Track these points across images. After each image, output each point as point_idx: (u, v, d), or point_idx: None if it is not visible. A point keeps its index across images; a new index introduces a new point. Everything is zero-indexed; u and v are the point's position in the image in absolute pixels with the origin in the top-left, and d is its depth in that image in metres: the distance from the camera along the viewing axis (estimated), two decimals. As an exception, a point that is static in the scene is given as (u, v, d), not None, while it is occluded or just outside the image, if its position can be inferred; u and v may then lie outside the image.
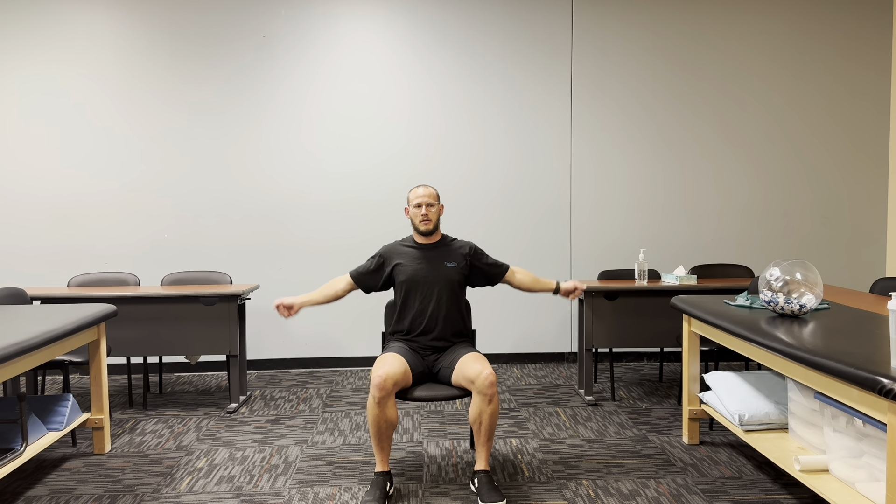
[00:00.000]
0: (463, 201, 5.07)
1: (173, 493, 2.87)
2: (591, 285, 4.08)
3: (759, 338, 2.51)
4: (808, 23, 5.14)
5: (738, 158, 5.17)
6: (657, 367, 5.01)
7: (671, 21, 5.08)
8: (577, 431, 3.60)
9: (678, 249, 5.16)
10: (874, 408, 1.97)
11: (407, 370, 2.82)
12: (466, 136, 5.05)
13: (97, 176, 4.90)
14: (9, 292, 3.64)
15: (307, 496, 2.83)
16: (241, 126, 4.95)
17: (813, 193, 5.21)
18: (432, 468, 3.12)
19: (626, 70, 5.09)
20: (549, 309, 5.14)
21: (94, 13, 4.85)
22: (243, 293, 4.01)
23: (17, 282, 4.87)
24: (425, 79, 5.02)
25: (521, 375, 4.79)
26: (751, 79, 5.14)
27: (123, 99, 4.89)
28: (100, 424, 3.29)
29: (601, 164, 5.11)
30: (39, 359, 2.75)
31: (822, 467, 2.49)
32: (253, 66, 4.93)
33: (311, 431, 3.64)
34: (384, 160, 5.02)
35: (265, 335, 5.02)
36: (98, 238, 4.92)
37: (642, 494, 2.81)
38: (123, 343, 3.97)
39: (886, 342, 2.26)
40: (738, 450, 3.30)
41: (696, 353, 3.32)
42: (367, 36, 4.99)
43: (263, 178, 4.97)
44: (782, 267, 2.79)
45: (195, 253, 4.96)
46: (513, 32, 5.03)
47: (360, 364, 5.07)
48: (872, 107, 5.20)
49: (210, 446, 3.43)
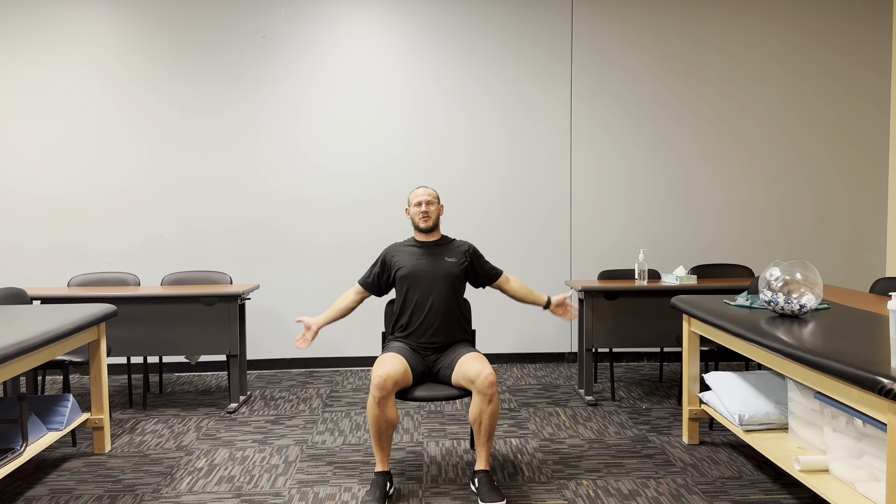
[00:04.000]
0: (463, 201, 5.07)
1: (173, 493, 2.87)
2: (591, 285, 4.08)
3: (759, 338, 2.51)
4: (808, 23, 5.14)
5: (738, 158, 5.17)
6: (657, 367, 5.01)
7: (671, 21, 5.08)
8: (577, 431, 3.60)
9: (678, 249, 5.16)
10: (874, 408, 1.97)
11: (407, 370, 2.82)
12: (466, 136, 5.05)
13: (97, 176, 4.90)
14: (9, 292, 3.64)
15: (307, 496, 2.83)
16: (241, 126, 4.95)
17: (813, 193, 5.21)
18: (432, 468, 3.12)
19: (626, 70, 5.09)
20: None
21: (94, 13, 4.85)
22: (243, 293, 4.01)
23: (17, 282, 4.87)
24: (425, 79, 5.02)
25: (521, 375, 4.79)
26: (751, 79, 5.14)
27: (123, 99, 4.89)
28: (100, 424, 3.29)
29: (601, 164, 5.11)
30: (39, 359, 2.75)
31: (822, 467, 2.49)
32: (253, 66, 4.93)
33: (311, 431, 3.64)
34: (384, 160, 5.02)
35: (265, 335, 5.02)
36: (98, 238, 4.92)
37: (642, 494, 2.81)
38: (123, 343, 3.97)
39: (886, 342, 2.26)
40: (738, 450, 3.30)
41: (696, 353, 3.32)
42: (367, 36, 4.99)
43: (263, 178, 4.97)
44: (782, 267, 2.79)
45: (195, 253, 4.96)
46: (513, 32, 5.03)
47: (360, 364, 5.07)
48: (872, 107, 5.20)
49: (210, 446, 3.43)
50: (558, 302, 3.19)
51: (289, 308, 5.00)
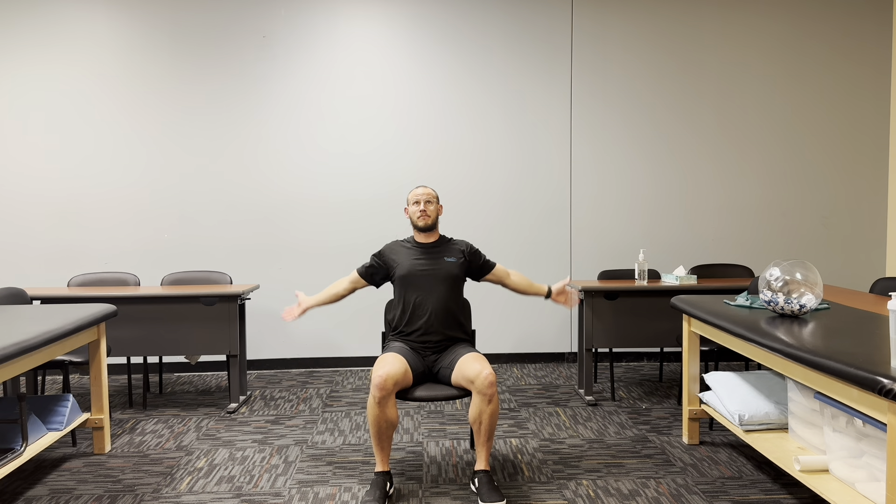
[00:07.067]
0: (463, 201, 5.07)
1: (173, 493, 2.87)
2: (591, 285, 4.08)
3: (759, 338, 2.51)
4: (808, 23, 5.14)
5: (738, 158, 5.17)
6: (657, 367, 5.01)
7: (671, 21, 5.08)
8: (577, 431, 3.60)
9: (678, 249, 5.16)
10: (874, 408, 1.97)
11: (407, 370, 2.83)
12: (466, 136, 5.05)
13: (97, 176, 4.90)
14: (9, 292, 3.64)
15: (307, 496, 2.83)
16: (241, 126, 4.95)
17: (813, 193, 5.21)
18: (432, 468, 3.12)
19: (626, 70, 5.09)
20: (549, 309, 5.14)
21: (94, 13, 4.85)
22: (243, 293, 4.01)
23: (17, 282, 4.88)
24: (425, 79, 5.02)
25: (521, 375, 4.79)
26: (751, 79, 5.14)
27: (123, 99, 4.89)
28: (100, 424, 3.29)
29: (601, 164, 5.11)
30: (39, 359, 2.75)
31: (822, 467, 2.49)
32: (253, 66, 4.93)
33: (311, 431, 3.64)
34: (384, 160, 5.02)
35: (265, 335, 5.02)
36: (98, 238, 4.92)
37: (642, 494, 2.81)
38: (123, 343, 3.97)
39: (886, 342, 2.26)
40: (738, 450, 3.30)
41: (696, 353, 3.32)
42: (367, 36, 4.99)
43: (263, 178, 4.97)
44: (782, 267, 2.79)
45: (195, 253, 4.96)
46: (513, 32, 5.03)
47: (360, 364, 5.07)
48: (872, 107, 5.20)
49: (210, 446, 3.43)
50: (558, 290, 3.21)
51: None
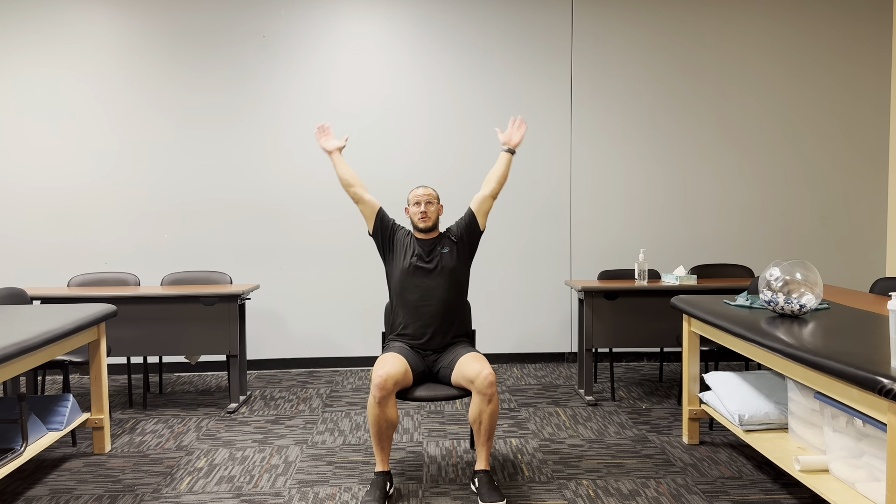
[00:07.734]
0: (462, 201, 5.06)
1: (173, 493, 2.87)
2: (590, 285, 4.08)
3: (759, 338, 2.51)
4: (808, 23, 5.14)
5: (738, 158, 5.17)
6: (657, 367, 5.01)
7: (671, 21, 5.08)
8: (577, 431, 3.60)
9: (678, 249, 5.16)
10: (874, 408, 1.97)
11: (407, 370, 2.82)
12: (466, 136, 5.05)
13: (97, 176, 4.90)
14: (9, 292, 3.65)
15: (307, 496, 2.83)
16: (240, 126, 4.94)
17: (813, 193, 5.21)
18: (432, 468, 3.12)
19: (626, 70, 5.09)
20: (549, 309, 5.14)
21: (94, 13, 4.85)
22: (243, 293, 4.01)
23: (17, 282, 4.87)
24: (425, 78, 5.02)
25: (521, 375, 4.79)
26: (751, 79, 5.14)
27: (123, 99, 4.89)
28: (100, 424, 3.29)
29: (601, 164, 5.11)
30: (39, 359, 2.75)
31: (822, 467, 2.49)
32: (253, 67, 4.93)
33: (311, 431, 3.64)
34: (384, 159, 5.02)
35: (265, 335, 5.02)
36: (98, 238, 4.92)
37: (642, 494, 2.81)
38: (123, 343, 3.97)
39: (886, 342, 2.26)
40: (738, 450, 3.30)
41: (696, 353, 3.32)
42: (367, 36, 4.99)
43: (263, 178, 4.97)
44: (782, 267, 2.79)
45: (195, 253, 4.96)
46: (513, 32, 5.03)
47: (360, 364, 5.07)
48: (872, 107, 5.20)
49: (210, 446, 3.43)
50: (510, 131, 3.25)
51: (289, 308, 5.00)
